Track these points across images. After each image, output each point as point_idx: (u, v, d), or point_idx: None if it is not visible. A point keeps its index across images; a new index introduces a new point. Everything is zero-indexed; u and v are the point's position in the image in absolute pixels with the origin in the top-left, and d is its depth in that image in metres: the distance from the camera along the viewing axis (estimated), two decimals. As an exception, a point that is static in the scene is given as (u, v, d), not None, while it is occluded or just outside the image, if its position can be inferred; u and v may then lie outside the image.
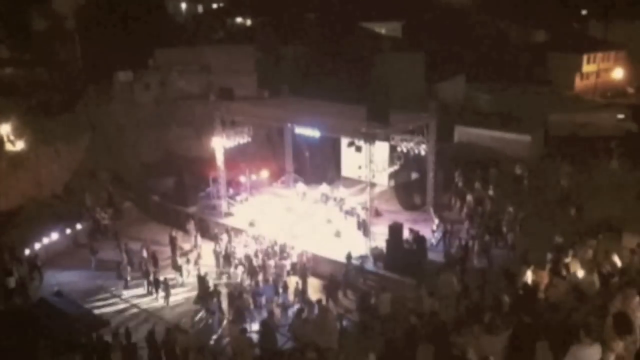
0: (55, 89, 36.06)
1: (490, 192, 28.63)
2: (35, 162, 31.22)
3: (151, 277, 24.57)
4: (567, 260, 17.75)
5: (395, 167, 28.50)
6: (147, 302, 24.02)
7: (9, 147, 30.57)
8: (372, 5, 54.93)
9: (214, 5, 55.55)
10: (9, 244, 26.57)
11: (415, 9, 57.80)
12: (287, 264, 24.72)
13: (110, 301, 24.09)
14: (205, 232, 28.73)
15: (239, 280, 24.49)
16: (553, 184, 30.14)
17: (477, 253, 24.03)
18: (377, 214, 28.18)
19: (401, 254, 23.62)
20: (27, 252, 26.43)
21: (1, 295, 23.52)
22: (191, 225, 28.64)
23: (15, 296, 23.77)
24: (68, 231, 28.67)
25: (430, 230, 26.02)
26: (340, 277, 23.58)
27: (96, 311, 22.36)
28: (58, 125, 32.91)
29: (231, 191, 30.99)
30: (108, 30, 39.78)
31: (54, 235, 27.89)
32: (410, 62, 44.67)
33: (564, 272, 15.87)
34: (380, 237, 24.84)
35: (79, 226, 29.26)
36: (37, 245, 26.97)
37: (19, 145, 30.78)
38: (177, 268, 25.86)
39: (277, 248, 25.62)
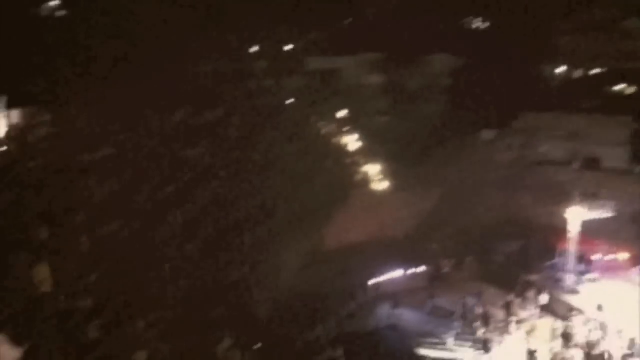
0: (418, 139, 38.81)
1: None
2: (387, 205, 33.95)
3: (479, 335, 24.29)
4: None
5: None
6: (471, 359, 23.76)
7: (371, 187, 34.09)
8: None
9: (593, 72, 52.74)
10: (358, 274, 29.32)
11: None
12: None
13: (437, 347, 24.51)
14: (545, 304, 27.05)
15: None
16: None
17: None
18: None
19: None
20: (371, 282, 28.99)
21: (342, 318, 26.14)
22: (530, 294, 27.33)
23: (354, 321, 26.20)
24: (410, 272, 30.39)
25: None
26: None
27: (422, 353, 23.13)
28: (413, 173, 35.25)
29: (581, 267, 28.59)
30: (477, 89, 41.22)
31: (399, 272, 29.95)
32: None
33: None
34: None
35: (422, 268, 30.76)
36: (382, 279, 29.36)
37: (377, 187, 33.95)
38: (507, 333, 25.02)
39: (624, 343, 22.44)
